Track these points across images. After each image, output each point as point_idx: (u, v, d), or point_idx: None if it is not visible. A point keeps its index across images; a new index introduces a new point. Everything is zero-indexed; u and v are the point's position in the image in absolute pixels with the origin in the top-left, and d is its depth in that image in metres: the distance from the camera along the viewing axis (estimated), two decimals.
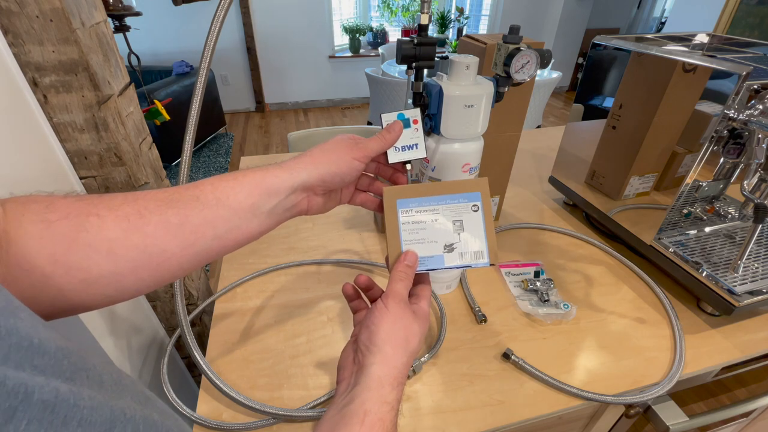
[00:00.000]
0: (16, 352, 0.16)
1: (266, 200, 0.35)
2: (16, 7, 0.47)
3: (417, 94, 0.52)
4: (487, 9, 4.49)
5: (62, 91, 0.54)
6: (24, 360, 0.16)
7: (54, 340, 0.18)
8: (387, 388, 0.32)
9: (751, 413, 0.69)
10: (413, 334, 0.35)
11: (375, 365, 0.33)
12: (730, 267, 0.62)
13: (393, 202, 0.38)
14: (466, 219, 0.38)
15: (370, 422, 0.30)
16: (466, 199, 0.38)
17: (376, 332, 0.34)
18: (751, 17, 2.57)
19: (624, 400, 0.51)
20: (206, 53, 0.42)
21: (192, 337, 0.50)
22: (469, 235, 0.38)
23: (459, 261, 0.38)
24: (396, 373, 0.33)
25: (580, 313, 0.63)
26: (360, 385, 0.32)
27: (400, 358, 0.34)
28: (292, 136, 1.30)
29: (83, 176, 0.61)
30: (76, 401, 0.16)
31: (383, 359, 0.33)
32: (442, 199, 0.38)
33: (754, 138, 0.54)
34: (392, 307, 0.35)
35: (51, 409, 0.15)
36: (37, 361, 0.17)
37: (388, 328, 0.34)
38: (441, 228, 0.38)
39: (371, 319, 0.35)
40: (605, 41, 0.73)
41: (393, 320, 0.35)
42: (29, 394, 0.15)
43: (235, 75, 3.92)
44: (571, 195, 0.85)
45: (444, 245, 0.38)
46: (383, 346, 0.34)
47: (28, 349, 0.17)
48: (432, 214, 0.38)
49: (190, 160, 0.46)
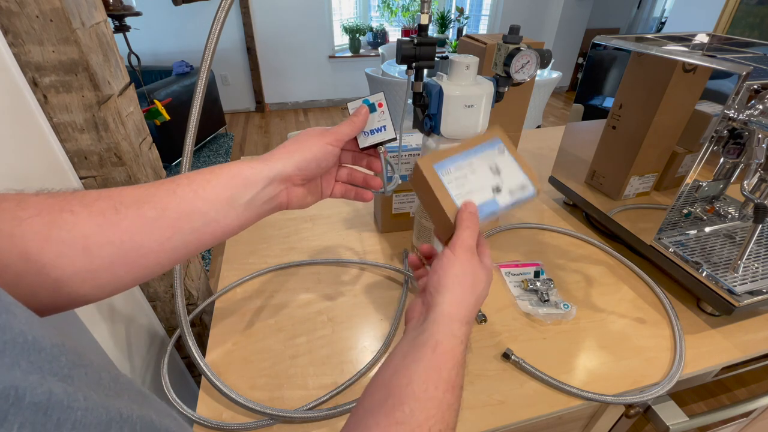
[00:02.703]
0: (10, 349, 0.15)
1: (243, 191, 0.35)
2: (16, 7, 0.47)
3: (417, 94, 0.52)
4: (487, 9, 4.49)
5: (62, 91, 0.54)
6: (19, 357, 0.16)
7: (50, 337, 0.18)
8: (456, 324, 0.33)
9: (751, 413, 0.69)
10: (480, 280, 0.36)
11: (445, 303, 0.34)
12: (730, 267, 0.62)
13: (431, 168, 0.39)
14: (500, 161, 0.41)
15: (442, 351, 0.31)
16: (490, 146, 0.41)
17: (445, 275, 0.35)
18: (751, 17, 2.57)
19: (624, 400, 0.51)
20: (207, 53, 0.42)
21: (192, 337, 0.50)
22: (507, 173, 0.40)
23: (510, 198, 0.40)
24: (465, 312, 0.34)
25: (580, 313, 0.63)
26: (430, 320, 0.33)
27: (468, 298, 0.35)
28: (292, 136, 1.30)
29: (83, 176, 0.61)
30: (70, 402, 0.16)
31: (452, 298, 0.34)
32: (471, 153, 0.40)
33: (754, 138, 0.54)
34: (459, 253, 0.36)
35: (44, 412, 0.15)
36: (33, 357, 0.16)
37: (457, 271, 0.36)
38: (482, 175, 0.40)
39: (440, 264, 0.36)
40: (605, 41, 0.73)
41: (461, 264, 0.36)
42: (21, 396, 0.14)
43: (235, 75, 3.92)
44: (571, 195, 0.85)
45: (491, 188, 0.40)
46: (452, 287, 0.35)
47: (22, 346, 0.16)
48: (469, 167, 0.40)
49: (191, 160, 0.46)
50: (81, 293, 0.29)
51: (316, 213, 0.86)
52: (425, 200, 0.41)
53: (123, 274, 0.31)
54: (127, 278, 0.31)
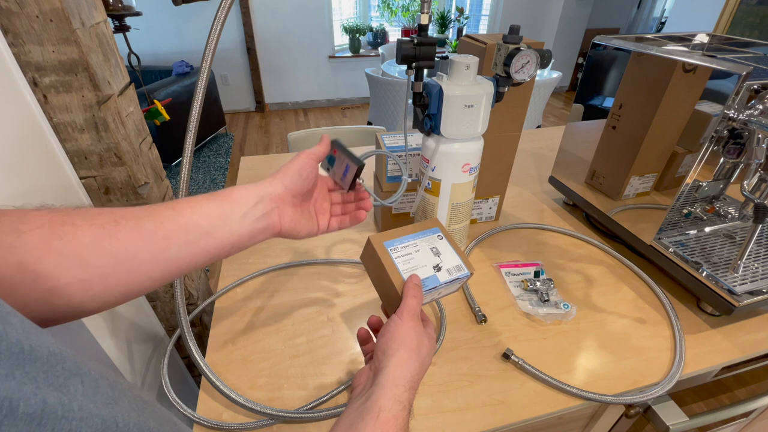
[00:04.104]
0: (6, 359, 0.15)
1: (236, 209, 0.37)
2: (16, 7, 0.47)
3: (417, 94, 0.52)
4: (487, 9, 4.49)
5: (62, 91, 0.54)
6: (14, 367, 0.16)
7: (47, 346, 0.18)
8: (401, 388, 0.34)
9: (751, 413, 0.69)
10: (424, 345, 0.39)
11: (390, 366, 0.35)
12: (730, 267, 0.62)
13: (382, 245, 0.44)
14: (439, 245, 0.47)
15: (384, 418, 0.32)
16: (431, 232, 0.48)
17: (392, 338, 0.37)
18: (751, 17, 2.57)
19: (624, 400, 0.51)
20: (207, 54, 0.42)
21: (192, 337, 0.50)
22: (446, 255, 0.46)
23: (448, 276, 0.45)
24: (409, 376, 0.36)
25: (580, 313, 0.63)
26: (375, 385, 0.34)
27: (413, 361, 0.37)
28: (292, 136, 1.30)
29: (83, 176, 0.61)
30: (64, 413, 0.16)
31: (398, 362, 0.36)
32: (415, 235, 0.47)
33: (754, 138, 0.54)
34: (406, 318, 0.39)
35: (38, 422, 0.15)
36: (28, 368, 0.16)
37: (403, 334, 0.38)
38: (425, 254, 0.45)
39: (387, 329, 0.39)
40: (605, 41, 0.73)
41: (407, 329, 0.38)
42: (14, 407, 0.14)
43: (235, 75, 3.92)
44: (571, 195, 0.85)
45: (433, 267, 0.45)
46: (398, 350, 0.36)
47: (18, 356, 0.16)
48: (414, 247, 0.46)
49: (191, 160, 0.46)
50: (73, 304, 0.30)
51: None
52: (375, 274, 0.46)
53: (115, 286, 0.31)
54: (118, 290, 0.32)
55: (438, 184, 0.55)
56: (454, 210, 0.57)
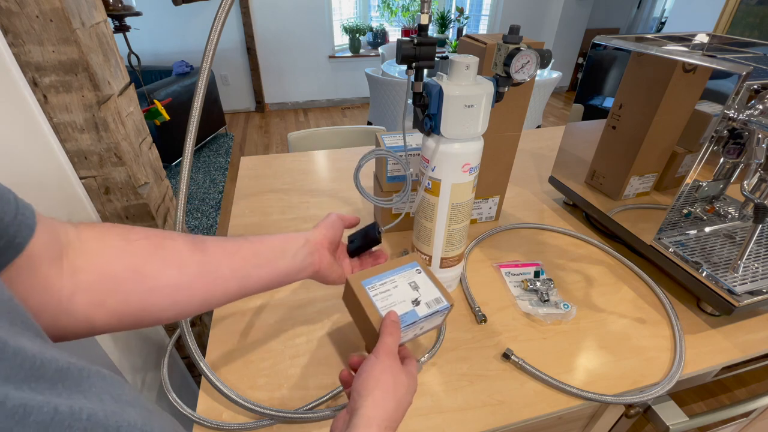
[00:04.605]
0: (18, 371, 0.17)
1: (290, 245, 0.45)
2: (16, 7, 0.47)
3: (417, 94, 0.52)
4: (487, 9, 4.49)
5: (62, 91, 0.54)
6: (26, 379, 0.17)
7: (56, 361, 0.19)
8: (374, 428, 0.34)
9: (751, 413, 0.69)
10: (401, 383, 0.39)
11: (365, 407, 0.35)
12: (730, 267, 0.62)
13: (359, 284, 0.46)
14: (417, 279, 0.48)
15: None
16: (409, 267, 0.49)
17: (367, 378, 0.38)
18: (751, 17, 2.57)
19: (624, 400, 0.51)
20: (207, 54, 0.42)
21: (192, 337, 0.50)
22: (424, 289, 0.47)
23: (427, 309, 0.45)
24: (385, 415, 0.36)
25: (580, 313, 0.63)
26: (350, 427, 0.34)
27: (389, 401, 0.37)
28: (292, 136, 1.30)
29: (83, 176, 0.61)
30: (71, 422, 0.17)
31: (373, 402, 0.36)
32: (393, 272, 0.48)
33: (754, 138, 0.54)
34: (382, 357, 0.39)
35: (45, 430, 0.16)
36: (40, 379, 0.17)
37: (378, 374, 0.38)
38: (403, 290, 0.46)
39: (363, 368, 0.39)
40: (605, 41, 0.73)
41: (382, 368, 0.38)
42: (26, 414, 0.15)
43: (235, 75, 3.92)
44: (571, 195, 0.85)
45: (411, 301, 0.45)
46: (373, 390, 0.36)
47: (30, 370, 0.17)
48: (392, 284, 0.46)
49: (191, 160, 0.46)
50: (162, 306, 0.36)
51: (316, 213, 0.86)
52: (355, 313, 0.47)
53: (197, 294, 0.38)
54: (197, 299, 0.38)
55: (438, 184, 0.55)
56: (454, 210, 0.57)
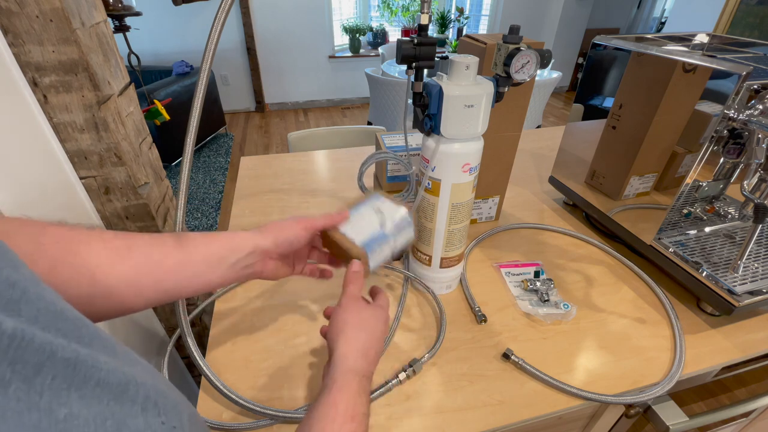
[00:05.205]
0: (43, 315, 0.18)
1: (231, 255, 0.41)
2: (16, 7, 0.47)
3: (417, 94, 0.52)
4: (487, 9, 4.49)
5: (62, 91, 0.54)
6: (50, 323, 0.18)
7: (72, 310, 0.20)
8: (351, 360, 0.38)
9: (751, 413, 0.69)
10: (368, 317, 0.43)
11: (338, 347, 0.39)
12: (730, 267, 0.62)
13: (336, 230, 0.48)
14: (380, 204, 0.52)
15: (338, 387, 0.35)
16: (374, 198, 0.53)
17: (335, 324, 0.41)
18: (751, 17, 2.57)
19: (624, 400, 0.51)
20: (207, 54, 0.42)
21: (192, 337, 0.50)
22: (388, 210, 0.51)
23: (391, 224, 0.50)
24: (359, 345, 0.39)
25: (580, 313, 0.63)
26: (329, 366, 0.38)
27: (360, 334, 0.41)
28: (292, 136, 1.30)
29: (83, 176, 0.61)
30: (93, 363, 0.18)
31: (345, 340, 0.40)
32: (359, 205, 0.51)
33: (754, 138, 0.54)
34: (345, 304, 0.43)
35: (73, 367, 0.17)
36: (60, 324, 0.18)
37: (345, 317, 0.42)
38: (368, 217, 0.50)
39: (332, 317, 0.43)
40: (605, 41, 0.73)
41: (348, 312, 0.42)
42: (54, 352, 0.16)
43: (235, 75, 3.92)
44: (571, 195, 0.85)
45: (378, 224, 0.49)
46: (342, 331, 0.40)
47: (53, 314, 0.18)
48: (359, 215, 0.50)
49: (191, 160, 0.46)
50: None
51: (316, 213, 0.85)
52: (337, 252, 0.50)
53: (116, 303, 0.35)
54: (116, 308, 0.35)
55: (438, 184, 0.55)
56: (454, 210, 0.57)
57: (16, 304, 0.17)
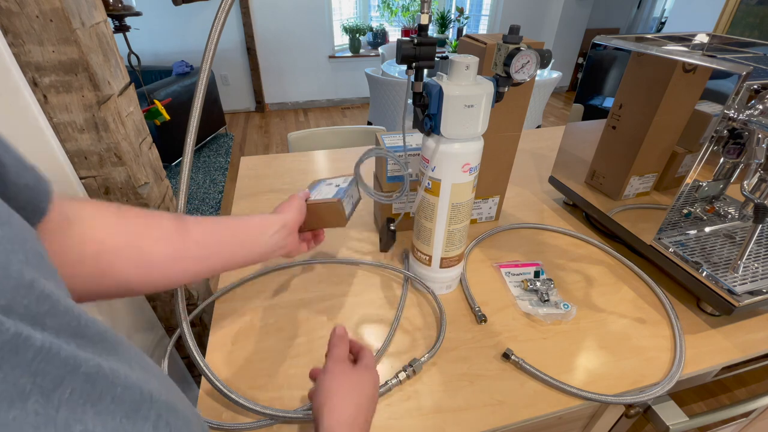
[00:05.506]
0: (67, 328, 0.18)
1: (268, 228, 0.50)
2: (16, 7, 0.47)
3: (417, 94, 0.52)
4: (487, 9, 4.49)
5: (62, 91, 0.54)
6: (74, 336, 0.18)
7: (96, 323, 0.21)
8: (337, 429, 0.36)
9: (751, 413, 0.69)
10: (355, 383, 0.41)
11: (324, 417, 0.37)
12: (730, 267, 0.62)
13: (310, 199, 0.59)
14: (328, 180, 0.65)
15: None
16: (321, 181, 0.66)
17: (321, 391, 0.40)
18: (751, 17, 2.57)
19: (624, 400, 0.51)
20: (207, 54, 0.42)
21: (192, 338, 0.50)
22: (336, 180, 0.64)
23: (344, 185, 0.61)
24: (346, 416, 0.38)
25: (580, 313, 0.63)
26: None
27: (347, 404, 0.39)
28: (292, 136, 1.30)
29: (83, 176, 0.61)
30: (113, 378, 0.19)
31: (330, 409, 0.38)
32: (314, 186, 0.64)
33: (754, 138, 0.54)
34: (330, 367, 0.42)
35: (92, 383, 0.17)
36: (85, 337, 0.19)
37: (329, 384, 0.40)
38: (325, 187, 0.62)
39: (317, 386, 0.41)
40: (605, 41, 0.73)
41: (331, 377, 0.41)
42: (77, 366, 0.17)
43: (235, 75, 3.92)
44: (571, 195, 0.85)
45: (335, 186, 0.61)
46: (329, 399, 0.39)
47: (77, 327, 0.19)
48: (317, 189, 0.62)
49: (191, 160, 0.46)
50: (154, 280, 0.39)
51: None
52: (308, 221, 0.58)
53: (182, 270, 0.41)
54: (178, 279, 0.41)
55: (438, 184, 0.55)
56: (454, 210, 0.57)
57: (44, 317, 0.17)
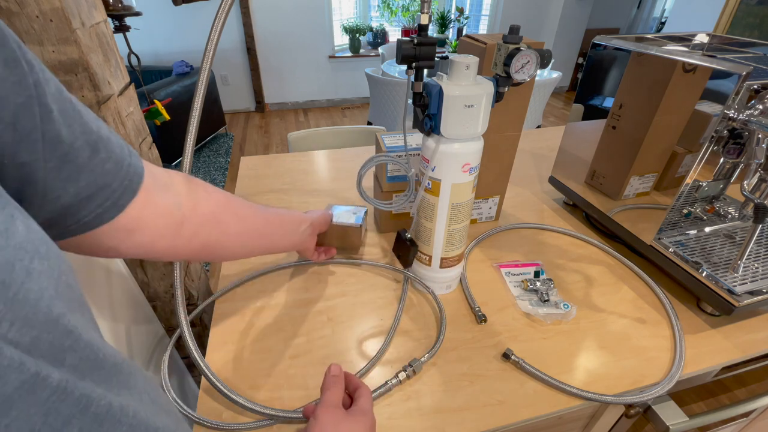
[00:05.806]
0: (85, 363, 0.18)
1: (301, 225, 0.61)
2: (16, 7, 0.47)
3: (417, 94, 0.52)
4: (487, 9, 4.49)
5: None
6: (90, 371, 0.18)
7: (114, 355, 0.21)
8: None
9: (751, 413, 0.69)
10: (348, 428, 0.38)
11: None
12: (730, 267, 0.62)
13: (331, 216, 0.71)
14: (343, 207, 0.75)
15: None
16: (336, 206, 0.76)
17: None
18: (751, 17, 2.57)
19: (624, 400, 0.51)
20: (207, 54, 0.42)
21: (192, 337, 0.50)
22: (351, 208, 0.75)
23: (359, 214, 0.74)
24: None
25: (580, 313, 0.63)
26: None
27: None
28: (292, 136, 1.30)
29: None
30: (120, 417, 0.18)
31: None
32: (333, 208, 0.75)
33: (754, 138, 0.54)
34: (320, 415, 0.39)
35: (99, 423, 0.17)
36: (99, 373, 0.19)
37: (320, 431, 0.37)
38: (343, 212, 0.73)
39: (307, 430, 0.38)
40: (605, 41, 0.73)
41: (321, 426, 0.38)
42: (88, 405, 0.17)
43: (235, 75, 3.92)
44: (571, 195, 0.85)
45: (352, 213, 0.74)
46: None
47: (94, 362, 0.19)
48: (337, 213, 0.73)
49: (191, 160, 0.46)
50: None
51: None
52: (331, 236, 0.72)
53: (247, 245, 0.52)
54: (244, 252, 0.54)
55: (438, 184, 0.55)
56: (454, 210, 0.57)
57: (65, 353, 0.17)
